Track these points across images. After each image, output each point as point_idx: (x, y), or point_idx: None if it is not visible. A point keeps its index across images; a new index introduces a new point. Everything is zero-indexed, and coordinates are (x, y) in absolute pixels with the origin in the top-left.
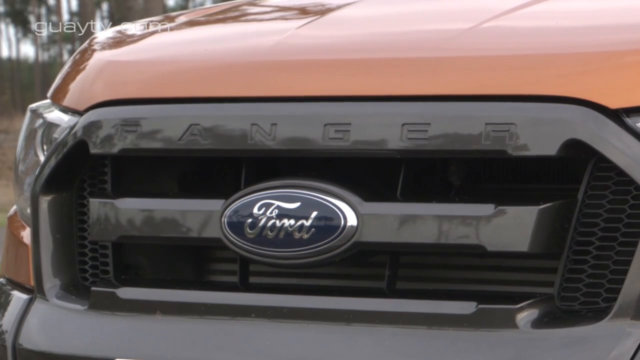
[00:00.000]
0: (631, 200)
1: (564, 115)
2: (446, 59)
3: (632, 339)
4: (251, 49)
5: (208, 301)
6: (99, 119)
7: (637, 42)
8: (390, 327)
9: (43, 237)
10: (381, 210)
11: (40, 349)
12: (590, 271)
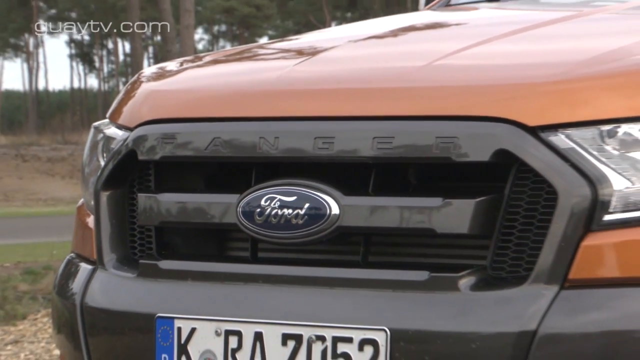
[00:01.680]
0: (544, 194)
1: (494, 130)
2: (406, 88)
3: (545, 299)
4: (259, 81)
5: (226, 270)
6: (145, 133)
7: (546, 77)
8: (364, 290)
9: (103, 223)
10: (357, 202)
11: (100, 306)
12: (514, 248)
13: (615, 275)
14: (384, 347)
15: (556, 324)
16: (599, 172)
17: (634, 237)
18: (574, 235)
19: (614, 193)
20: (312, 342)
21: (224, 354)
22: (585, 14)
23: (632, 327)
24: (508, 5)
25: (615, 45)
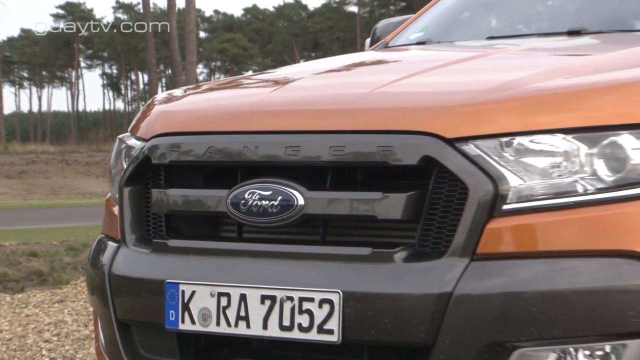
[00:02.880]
0: (458, 190)
1: (421, 141)
2: (354, 110)
3: (459, 268)
4: (243, 104)
5: (219, 247)
6: (157, 143)
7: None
8: (323, 262)
9: (125, 211)
10: (318, 196)
11: (123, 274)
12: (435, 230)
13: (511, 250)
14: (337, 305)
15: (467, 287)
16: (499, 173)
17: (525, 221)
18: (480, 220)
19: (511, 189)
20: (283, 301)
21: (216, 310)
22: (489, 54)
23: (522, 289)
24: (431, 47)
25: (510, 77)
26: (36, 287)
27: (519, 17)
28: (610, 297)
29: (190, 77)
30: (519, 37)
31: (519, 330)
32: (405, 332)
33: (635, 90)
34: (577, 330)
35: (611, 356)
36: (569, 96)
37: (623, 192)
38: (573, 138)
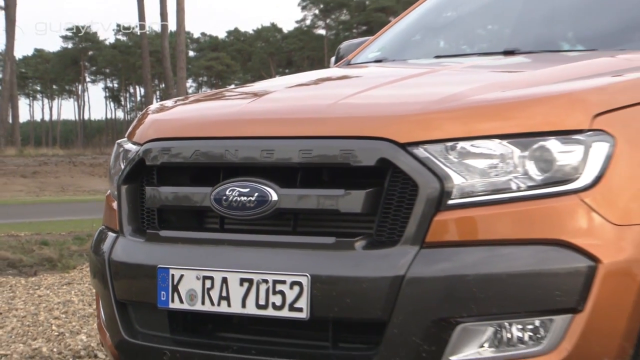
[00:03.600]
0: (410, 187)
1: (377, 146)
2: (320, 118)
3: (410, 255)
4: (225, 113)
5: (203, 237)
6: (150, 147)
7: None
8: (293, 249)
9: (123, 206)
10: (289, 192)
11: (121, 260)
12: (390, 222)
13: (455, 239)
14: (306, 287)
15: (417, 271)
16: (445, 173)
17: (467, 214)
18: (429, 214)
19: (454, 186)
20: (259, 283)
21: (201, 291)
22: (436, 70)
23: (464, 272)
24: (387, 65)
25: (454, 90)
26: (47, 272)
27: (463, 39)
28: (540, 279)
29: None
30: (462, 56)
31: (461, 307)
32: (364, 309)
33: (560, 102)
34: (512, 308)
35: (540, 330)
36: (504, 107)
37: (550, 189)
38: (508, 143)
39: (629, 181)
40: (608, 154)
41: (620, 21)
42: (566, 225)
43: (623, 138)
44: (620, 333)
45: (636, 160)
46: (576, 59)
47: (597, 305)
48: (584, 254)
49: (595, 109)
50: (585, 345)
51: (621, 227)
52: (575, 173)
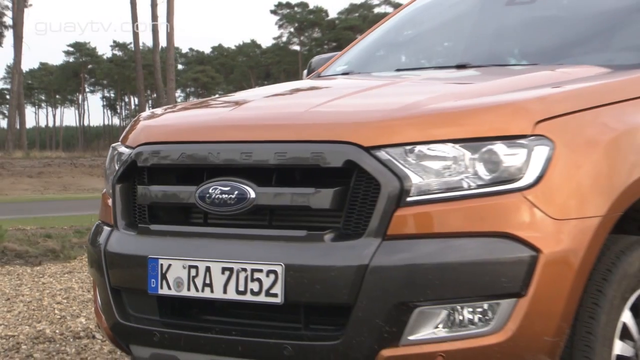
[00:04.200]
0: (373, 186)
1: (344, 149)
2: (294, 124)
3: (373, 246)
4: (208, 120)
5: (189, 230)
6: (141, 150)
7: (374, 118)
8: (270, 241)
9: (117, 203)
10: (266, 191)
11: (115, 251)
12: (356, 217)
13: (413, 232)
14: (281, 275)
15: (379, 260)
16: (404, 173)
17: (424, 210)
18: (390, 209)
19: (413, 185)
20: (239, 272)
21: (187, 279)
22: (396, 82)
23: (421, 261)
24: (353, 77)
25: (413, 100)
26: (50, 262)
27: (421, 54)
28: (488, 267)
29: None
30: (420, 69)
31: (418, 293)
32: (332, 295)
33: (506, 110)
34: (463, 293)
35: (488, 312)
36: (457, 114)
37: (497, 187)
38: (460, 146)
39: (566, 180)
40: (548, 156)
41: (559, 39)
42: (511, 219)
43: (561, 142)
44: (559, 315)
45: (572, 162)
46: (520, 72)
47: (538, 291)
48: (526, 245)
49: (536, 116)
50: (528, 325)
51: (559, 221)
52: (519, 173)
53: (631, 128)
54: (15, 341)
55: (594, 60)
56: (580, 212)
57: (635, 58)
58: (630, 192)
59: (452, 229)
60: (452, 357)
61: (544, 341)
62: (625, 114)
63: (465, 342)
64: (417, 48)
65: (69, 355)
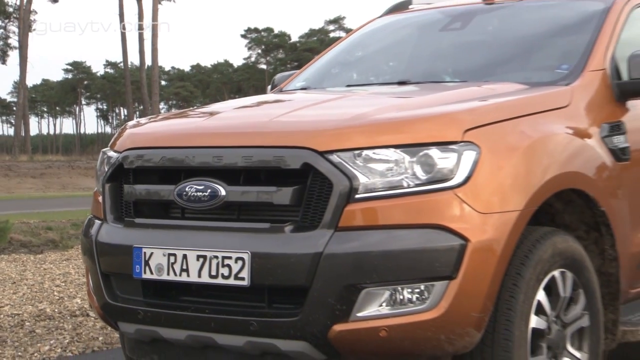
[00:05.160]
0: (327, 185)
1: (302, 153)
2: (259, 132)
3: (327, 236)
4: (185, 128)
5: (169, 223)
6: (127, 154)
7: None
8: (238, 232)
9: (106, 200)
10: (235, 189)
11: (105, 241)
12: (312, 211)
13: (361, 224)
14: (247, 261)
15: (332, 248)
16: (353, 174)
17: (370, 205)
18: (341, 205)
19: (360, 184)
20: (211, 259)
21: (167, 265)
22: (347, 96)
23: (368, 249)
24: (310, 92)
25: (360, 111)
26: (51, 250)
27: (368, 72)
28: (424, 254)
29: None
30: (367, 85)
31: (365, 276)
32: (292, 278)
33: (440, 120)
34: (403, 275)
35: (425, 292)
36: (398, 124)
37: (432, 186)
38: (400, 151)
39: (490, 180)
40: (475, 159)
41: (485, 60)
42: (444, 213)
43: (486, 148)
44: (484, 294)
45: (495, 165)
46: (452, 88)
47: (467, 274)
48: (457, 235)
49: (465, 125)
50: (458, 303)
51: (484, 215)
52: (451, 174)
53: (544, 136)
54: (20, 319)
55: (514, 78)
56: (502, 206)
57: (548, 77)
58: (544, 190)
59: (394, 222)
60: (393, 331)
61: (471, 317)
62: (540, 123)
63: (404, 318)
64: (365, 67)
65: (66, 331)
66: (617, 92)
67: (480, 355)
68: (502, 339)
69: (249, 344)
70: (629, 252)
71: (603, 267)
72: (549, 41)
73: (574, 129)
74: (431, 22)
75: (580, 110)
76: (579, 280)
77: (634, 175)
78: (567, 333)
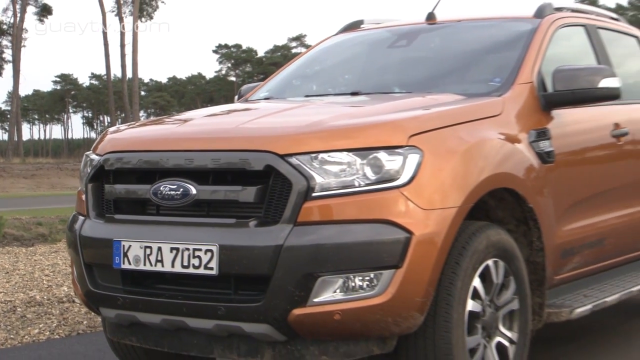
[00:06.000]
0: (287, 185)
1: (264, 156)
2: (226, 137)
3: (287, 230)
4: (160, 134)
5: (145, 219)
6: (108, 157)
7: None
8: (208, 227)
9: (89, 198)
10: (205, 188)
11: (88, 235)
12: (273, 208)
13: (318, 220)
14: (216, 253)
15: (292, 241)
16: (310, 175)
17: (325, 203)
18: (299, 202)
19: (317, 184)
20: (184, 250)
21: (143, 256)
22: (305, 105)
23: (324, 242)
24: (273, 101)
25: (317, 118)
26: (41, 243)
27: (325, 84)
28: (374, 246)
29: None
30: (324, 95)
31: (321, 265)
32: (255, 268)
33: (387, 127)
34: (355, 265)
35: (374, 280)
36: (351, 130)
37: (381, 185)
38: (352, 154)
39: (432, 180)
40: (418, 162)
41: (428, 74)
42: (391, 209)
43: (428, 151)
44: (426, 281)
45: (437, 166)
46: (399, 98)
47: (411, 263)
48: (402, 229)
49: (410, 131)
50: (403, 289)
51: (427, 211)
52: (397, 175)
53: (480, 141)
54: (12, 305)
55: (453, 89)
56: (442, 203)
57: (483, 88)
58: (479, 188)
59: (347, 217)
60: (346, 314)
61: (415, 301)
62: (475, 130)
63: (356, 303)
64: (321, 79)
65: (54, 316)
66: (543, 102)
67: (423, 335)
68: (442, 321)
69: (217, 326)
70: (554, 244)
71: (531, 256)
72: (484, 57)
73: (505, 135)
74: (380, 40)
75: (511, 118)
76: (510, 268)
77: (557, 176)
78: (500, 315)
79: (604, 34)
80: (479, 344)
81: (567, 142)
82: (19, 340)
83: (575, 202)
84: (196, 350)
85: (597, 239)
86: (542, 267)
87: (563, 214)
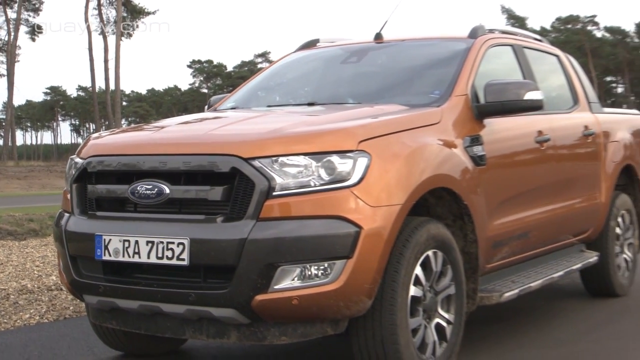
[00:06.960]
0: (250, 185)
1: (230, 160)
2: (197, 142)
3: (250, 225)
4: (138, 139)
5: (124, 216)
6: (90, 160)
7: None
8: (180, 223)
9: (73, 197)
10: (177, 188)
11: (73, 230)
12: (238, 205)
13: (278, 216)
14: (187, 245)
15: (255, 235)
16: (271, 176)
17: (285, 201)
18: (261, 201)
19: (277, 184)
20: (158, 244)
21: (122, 249)
22: (267, 114)
23: (283, 235)
24: (239, 110)
25: (278, 125)
26: (32, 237)
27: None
28: (328, 239)
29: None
30: (284, 105)
31: (281, 256)
32: (222, 258)
33: (340, 133)
34: (311, 256)
35: (328, 269)
36: (307, 136)
37: (334, 185)
38: (309, 157)
39: (379, 180)
40: (367, 164)
41: (376, 87)
42: (343, 206)
43: (376, 155)
44: (374, 269)
45: (383, 168)
46: (350, 108)
47: (361, 254)
48: (353, 224)
49: (359, 137)
50: (354, 277)
51: (374, 208)
52: (348, 176)
53: (421, 146)
54: (6, 293)
55: (398, 101)
56: (388, 201)
57: (424, 100)
58: (421, 188)
59: (304, 213)
60: (303, 299)
61: (364, 287)
62: (417, 136)
63: (312, 289)
64: (282, 91)
65: (44, 302)
66: (476, 112)
67: (371, 317)
68: (388, 305)
69: (188, 311)
70: (486, 236)
71: (466, 247)
72: (425, 72)
73: (443, 141)
74: (334, 57)
75: (448, 126)
76: (448, 258)
77: (489, 177)
78: (438, 299)
79: (529, 53)
80: (420, 324)
81: (497, 147)
82: (11, 324)
83: (504, 200)
84: (170, 332)
85: (523, 232)
86: (476, 256)
87: (494, 210)
